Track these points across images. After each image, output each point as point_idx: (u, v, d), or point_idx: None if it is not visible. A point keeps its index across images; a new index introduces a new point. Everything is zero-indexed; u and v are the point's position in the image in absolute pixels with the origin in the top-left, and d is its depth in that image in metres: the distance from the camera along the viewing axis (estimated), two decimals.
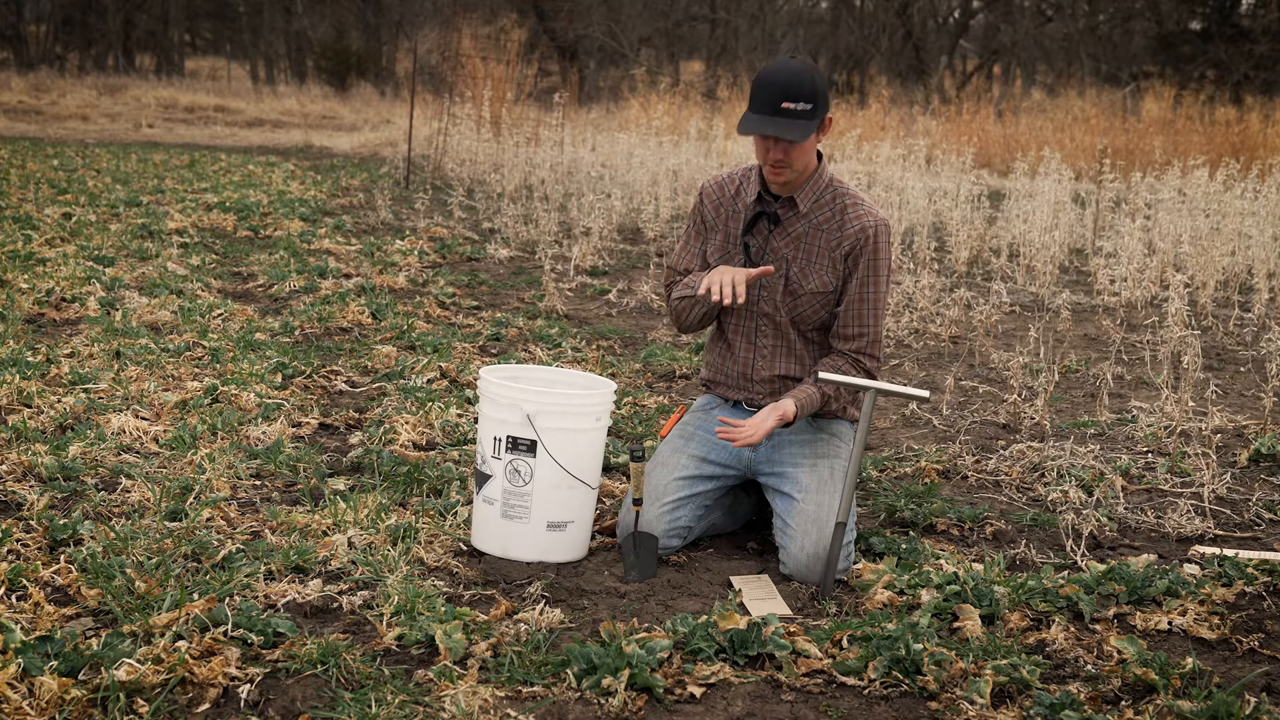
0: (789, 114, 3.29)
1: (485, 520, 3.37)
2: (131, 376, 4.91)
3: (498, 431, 3.31)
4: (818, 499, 3.36)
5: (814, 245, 3.47)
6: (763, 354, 3.56)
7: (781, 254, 3.49)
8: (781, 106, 3.28)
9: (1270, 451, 4.59)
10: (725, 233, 3.56)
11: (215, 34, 42.19)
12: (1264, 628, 3.08)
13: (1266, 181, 11.25)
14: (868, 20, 33.49)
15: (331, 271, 7.61)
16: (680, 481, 3.49)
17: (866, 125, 17.72)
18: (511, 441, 3.29)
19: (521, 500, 3.30)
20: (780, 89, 3.28)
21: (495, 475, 3.32)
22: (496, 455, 3.31)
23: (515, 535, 3.33)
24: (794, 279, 3.49)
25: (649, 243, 9.82)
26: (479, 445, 3.39)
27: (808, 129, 3.29)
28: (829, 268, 3.47)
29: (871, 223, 3.44)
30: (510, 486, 3.31)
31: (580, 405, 3.34)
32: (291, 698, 2.54)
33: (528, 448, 3.28)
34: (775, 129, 3.28)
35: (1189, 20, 27.87)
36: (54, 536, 3.24)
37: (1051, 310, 7.41)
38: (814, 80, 3.31)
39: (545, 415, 3.27)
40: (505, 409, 3.29)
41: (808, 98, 3.28)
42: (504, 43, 18.04)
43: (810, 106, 3.29)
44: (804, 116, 3.29)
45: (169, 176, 12.88)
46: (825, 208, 3.47)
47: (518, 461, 3.30)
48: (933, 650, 2.75)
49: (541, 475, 3.29)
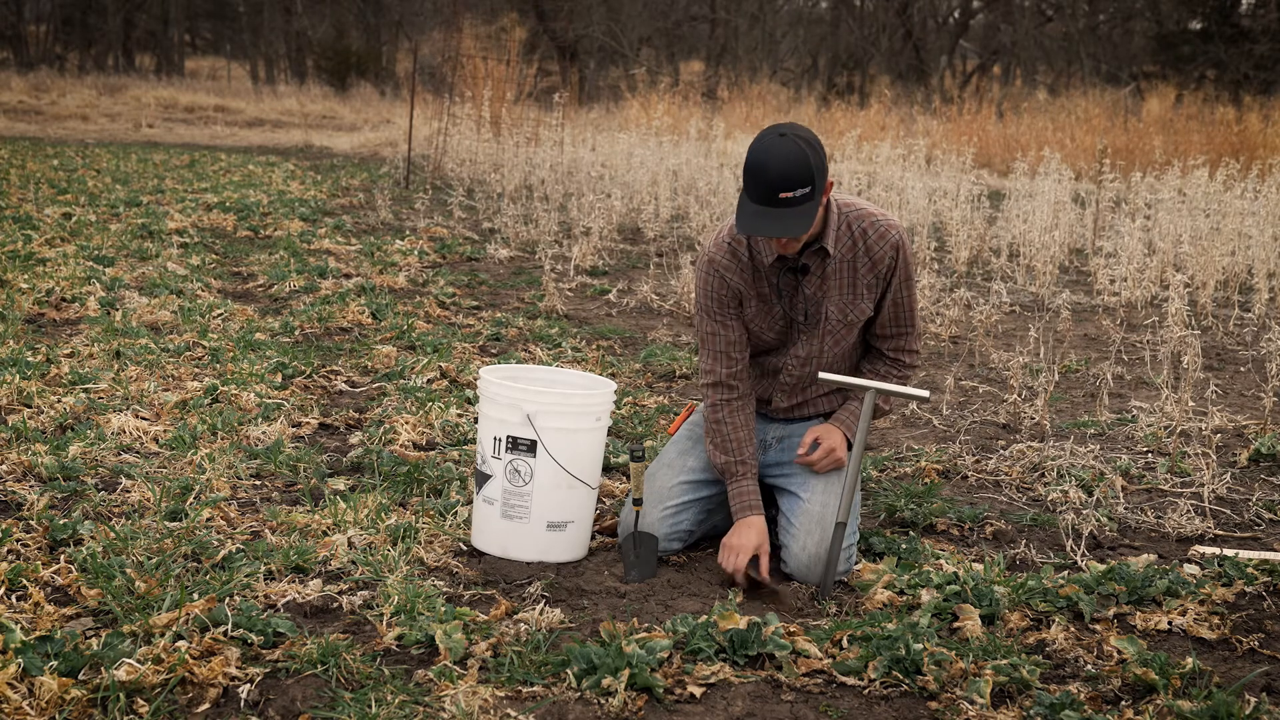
0: (788, 203, 3.09)
1: (485, 520, 3.37)
2: (131, 376, 4.91)
3: (498, 431, 3.31)
4: (824, 499, 3.36)
5: (845, 279, 3.40)
6: (783, 389, 3.54)
7: (816, 299, 3.40)
8: (780, 197, 3.09)
9: (1270, 451, 4.59)
10: (758, 296, 3.42)
11: (215, 34, 42.21)
12: (1264, 628, 3.08)
13: (1266, 181, 11.25)
14: (868, 20, 33.50)
15: (331, 271, 7.61)
16: (685, 485, 3.48)
17: (866, 125, 17.73)
18: (511, 441, 3.29)
19: (521, 500, 3.30)
20: (776, 180, 3.07)
21: (495, 475, 3.32)
22: (496, 455, 3.31)
23: (515, 535, 3.33)
24: (833, 316, 3.42)
25: (649, 243, 9.82)
26: (479, 445, 3.39)
27: (810, 213, 3.11)
28: (865, 295, 3.41)
29: (895, 237, 3.38)
30: (510, 486, 3.31)
31: (580, 405, 3.34)
32: (291, 698, 2.54)
33: (527, 447, 3.28)
34: (778, 228, 3.11)
35: (1189, 20, 27.86)
36: (54, 536, 3.24)
37: (1051, 310, 7.41)
38: (808, 161, 3.09)
39: (545, 415, 3.27)
40: (505, 409, 3.29)
41: (804, 182, 3.08)
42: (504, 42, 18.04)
43: (808, 190, 3.09)
44: (804, 200, 3.10)
45: (169, 176, 12.88)
46: (845, 238, 3.38)
47: (517, 461, 3.30)
48: (933, 650, 2.75)
49: (541, 475, 3.29)
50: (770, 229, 3.12)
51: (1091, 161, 14.56)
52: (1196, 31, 27.16)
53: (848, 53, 32.87)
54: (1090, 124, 18.04)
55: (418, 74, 16.67)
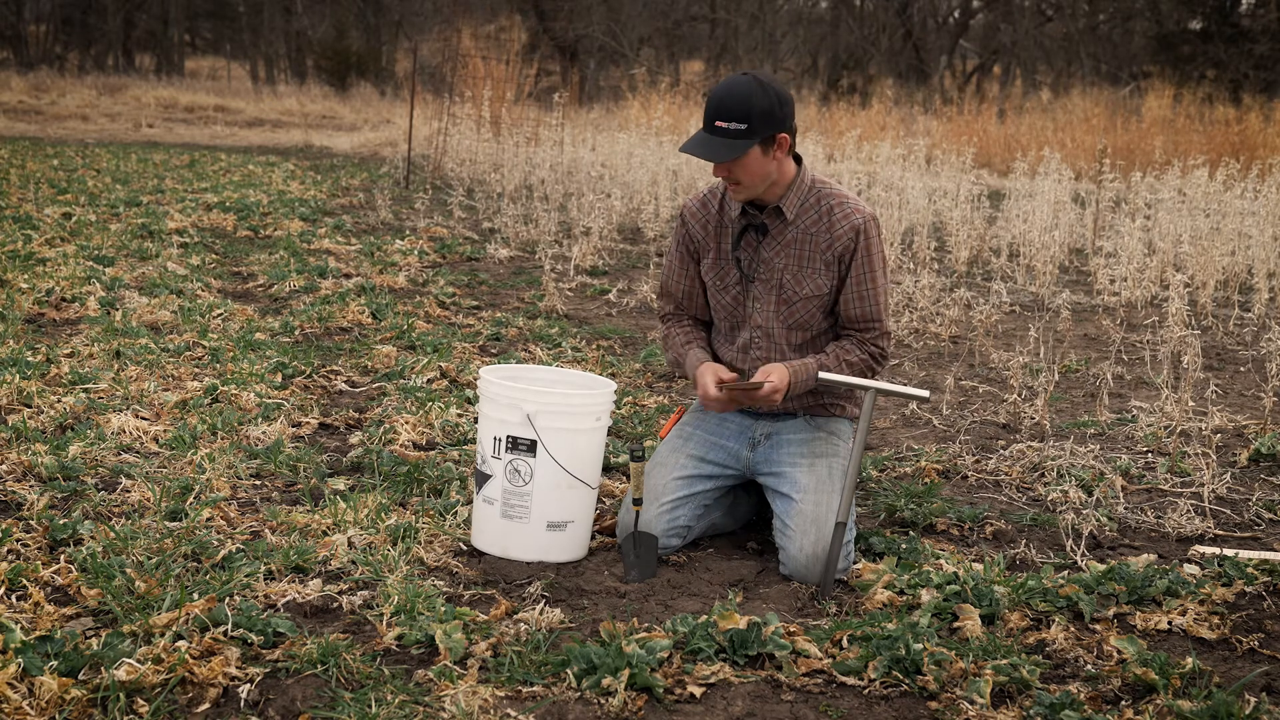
0: (721, 133, 3.26)
1: (485, 520, 3.37)
2: (131, 376, 4.91)
3: (497, 431, 3.30)
4: (816, 499, 3.36)
5: (805, 250, 3.47)
6: (757, 365, 3.55)
7: (773, 263, 3.49)
8: (715, 125, 3.26)
9: (1270, 451, 4.59)
10: (716, 250, 3.56)
11: (215, 34, 42.21)
12: (1264, 628, 3.08)
13: (1266, 181, 11.25)
14: (868, 20, 33.51)
15: (331, 271, 7.61)
16: (679, 481, 3.49)
17: (866, 125, 17.73)
18: (511, 441, 3.28)
19: (521, 500, 3.29)
20: (714, 107, 3.26)
21: (495, 475, 3.32)
22: (496, 455, 3.31)
23: (515, 535, 3.32)
24: (788, 286, 3.49)
25: (649, 242, 9.82)
26: (479, 445, 3.38)
27: (737, 149, 3.25)
28: (822, 270, 3.47)
29: (860, 220, 3.43)
30: (510, 486, 3.30)
31: (580, 405, 3.34)
32: (291, 698, 2.54)
33: (527, 447, 3.28)
34: (701, 149, 3.28)
35: (1189, 20, 27.86)
36: (54, 536, 3.24)
37: (1051, 310, 7.41)
38: (751, 98, 3.24)
39: (545, 415, 3.27)
40: (505, 409, 3.28)
41: (741, 117, 3.24)
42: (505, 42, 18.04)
43: (744, 126, 3.24)
44: (736, 136, 3.25)
45: (169, 176, 12.89)
46: (811, 211, 3.46)
47: (517, 461, 3.29)
48: (933, 650, 2.75)
49: (541, 475, 3.28)
50: (696, 151, 3.28)
51: (1091, 161, 14.56)
52: (1196, 31, 27.16)
53: (848, 53, 32.86)
54: (1090, 124, 18.05)
55: (418, 74, 16.67)
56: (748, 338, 3.56)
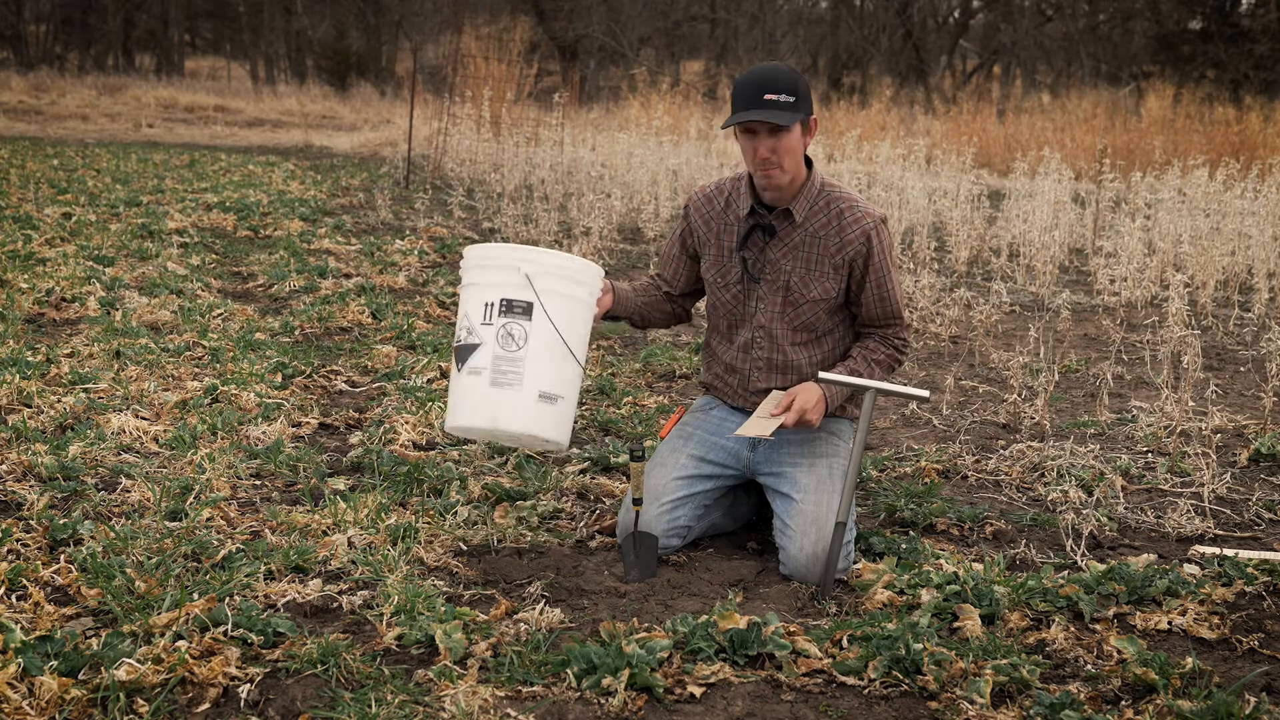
0: (773, 104, 3.29)
1: (470, 391, 3.21)
2: (131, 376, 4.91)
3: (490, 296, 3.18)
4: (816, 499, 3.35)
5: (813, 253, 3.47)
6: (758, 366, 3.55)
7: (779, 265, 3.48)
8: (765, 98, 3.29)
9: (1270, 451, 4.59)
10: (718, 247, 3.55)
11: (215, 34, 42.22)
12: (1264, 628, 3.08)
13: (1266, 181, 11.26)
14: (868, 20, 33.51)
15: (331, 271, 7.61)
16: (679, 481, 3.49)
17: (866, 125, 17.73)
18: (506, 305, 3.16)
19: (514, 366, 3.17)
20: (761, 82, 3.30)
21: (485, 343, 3.18)
22: (487, 321, 3.17)
23: (506, 403, 3.18)
24: (795, 288, 3.48)
25: (649, 243, 9.82)
26: (463, 319, 3.24)
27: (792, 117, 3.29)
28: (830, 274, 3.46)
29: (870, 224, 3.44)
30: (502, 352, 3.16)
31: (578, 271, 3.26)
32: (291, 698, 2.54)
33: (523, 310, 3.16)
34: (761, 114, 3.27)
35: (1189, 20, 27.86)
36: (54, 536, 3.25)
37: (1051, 310, 7.41)
38: (793, 76, 3.32)
39: (545, 277, 3.17)
40: (501, 271, 3.16)
41: (788, 90, 3.29)
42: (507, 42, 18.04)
43: (793, 99, 3.29)
44: (788, 107, 3.29)
45: (169, 176, 12.89)
46: (820, 214, 3.46)
47: (512, 325, 3.16)
48: (933, 650, 2.75)
49: (537, 340, 3.17)
50: (755, 115, 3.26)
51: (1091, 161, 14.57)
52: (1196, 31, 27.16)
53: (848, 53, 32.87)
54: (1090, 124, 18.05)
55: (418, 74, 16.67)
56: (749, 337, 3.55)
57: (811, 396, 3.38)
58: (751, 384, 3.57)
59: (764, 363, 3.54)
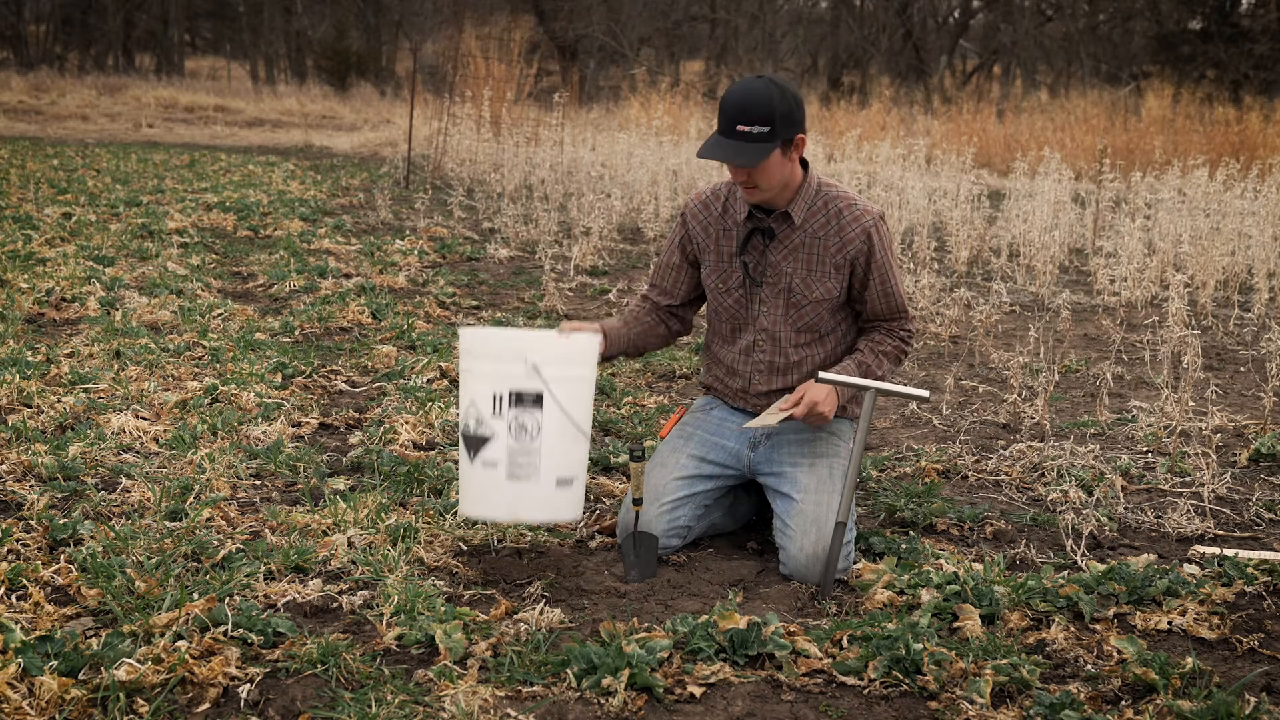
0: (744, 137, 3.24)
1: (488, 485, 3.17)
2: (131, 376, 4.91)
3: (498, 388, 3.11)
4: (816, 499, 3.35)
5: (814, 254, 3.46)
6: (759, 369, 3.55)
7: (781, 267, 3.48)
8: (737, 129, 3.25)
9: (1270, 451, 4.59)
10: (718, 252, 3.54)
11: (215, 34, 42.23)
12: (1264, 628, 3.08)
13: (1266, 181, 11.25)
14: (868, 20, 33.50)
15: (331, 271, 7.61)
16: (679, 481, 3.48)
17: (867, 125, 17.73)
18: (516, 397, 3.10)
19: (530, 457, 3.12)
20: (735, 111, 3.24)
21: (497, 435, 3.12)
22: (498, 413, 3.11)
23: (526, 496, 3.15)
24: (797, 290, 3.48)
25: (649, 242, 9.82)
26: (470, 408, 3.17)
27: (761, 152, 3.25)
28: (832, 273, 3.46)
29: (870, 221, 3.44)
30: (516, 445, 3.11)
31: (580, 351, 3.24)
32: (291, 698, 2.54)
33: (534, 400, 3.11)
34: (725, 153, 3.25)
35: (1189, 20, 27.86)
36: (54, 536, 3.25)
37: (1051, 310, 7.41)
38: (772, 101, 3.24)
39: (551, 364, 3.13)
40: (507, 362, 3.11)
41: (763, 120, 3.23)
42: (507, 42, 18.04)
43: (767, 129, 3.24)
44: (759, 139, 3.24)
45: (169, 176, 12.89)
46: (819, 215, 3.45)
47: (524, 416, 3.10)
48: (933, 650, 2.75)
49: (549, 427, 3.13)
50: (719, 154, 3.28)
51: (1091, 161, 14.57)
52: (1196, 31, 27.16)
53: (848, 53, 32.87)
54: (1090, 124, 18.05)
55: (418, 74, 16.67)
56: (751, 340, 3.55)
57: (821, 391, 3.38)
58: (753, 387, 3.57)
59: (765, 365, 3.54)
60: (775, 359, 3.53)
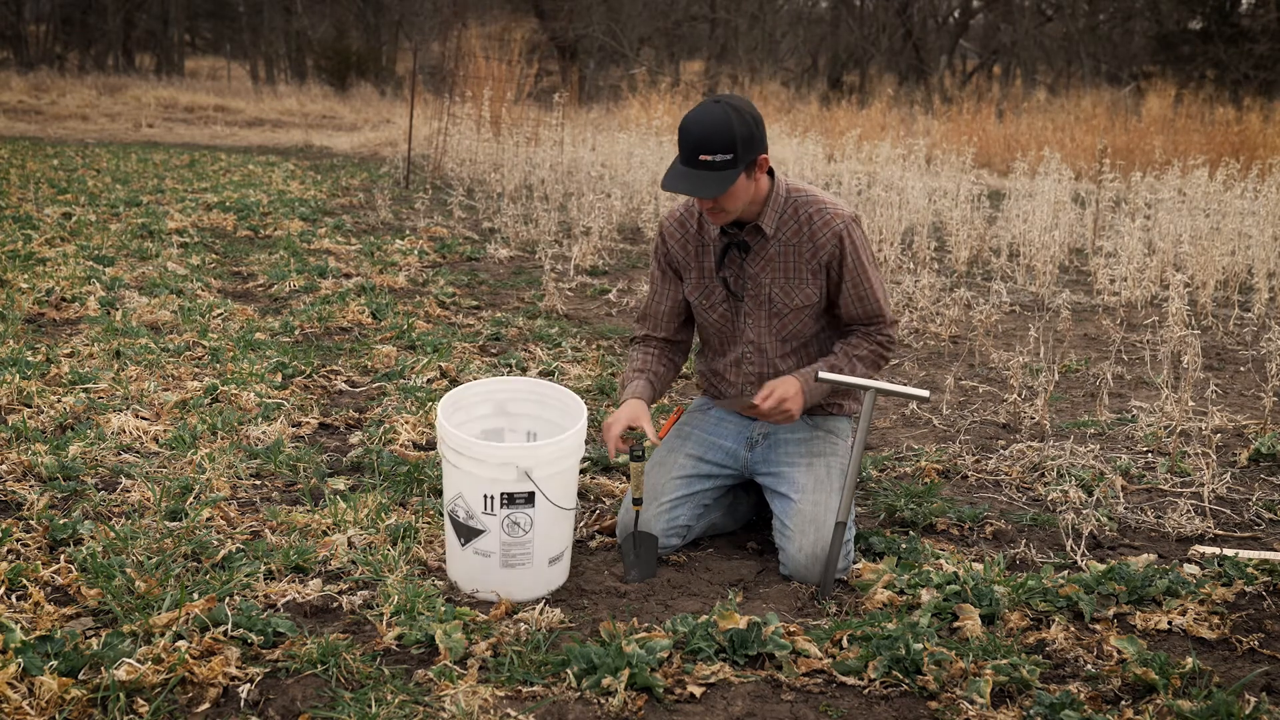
0: (707, 165, 3.18)
1: (482, 570, 3.16)
2: (131, 376, 4.91)
3: (488, 490, 3.09)
4: (814, 499, 3.35)
5: (789, 262, 3.44)
6: (750, 380, 3.55)
7: (759, 279, 3.46)
8: (699, 159, 3.19)
9: (1270, 451, 4.59)
10: (699, 269, 3.53)
11: (215, 34, 42.21)
12: (1264, 628, 3.08)
13: (1266, 181, 11.25)
14: (868, 20, 33.51)
15: (331, 271, 7.61)
16: (678, 481, 3.49)
17: (867, 125, 17.73)
18: (508, 498, 3.09)
19: (523, 548, 3.13)
20: (696, 141, 3.18)
21: (490, 530, 3.11)
22: (490, 511, 3.10)
23: (518, 580, 3.15)
24: (777, 299, 3.47)
25: (649, 242, 9.82)
26: (456, 498, 3.13)
27: (725, 180, 3.20)
28: (809, 280, 3.44)
29: (841, 225, 3.40)
30: (510, 538, 3.11)
31: (570, 445, 3.18)
32: (291, 697, 2.54)
33: (525, 499, 3.10)
34: (690, 185, 3.20)
35: (1189, 20, 27.87)
36: (54, 536, 3.25)
37: (1051, 310, 7.41)
38: (732, 128, 3.17)
39: (542, 466, 3.11)
40: (497, 468, 3.07)
41: (725, 148, 3.17)
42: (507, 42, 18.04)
43: (729, 156, 3.18)
44: (722, 167, 3.19)
45: (169, 176, 12.89)
46: (790, 222, 3.43)
47: (516, 514, 3.11)
48: (933, 650, 2.75)
49: (541, 519, 3.13)
50: (684, 187, 3.21)
51: (1091, 161, 14.57)
52: (1196, 31, 27.17)
53: (848, 53, 32.87)
54: (1090, 124, 18.04)
55: (418, 74, 16.67)
56: (739, 353, 3.55)
57: (791, 388, 3.36)
58: (746, 397, 3.57)
59: (755, 377, 3.54)
60: (764, 370, 3.53)
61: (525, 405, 3.44)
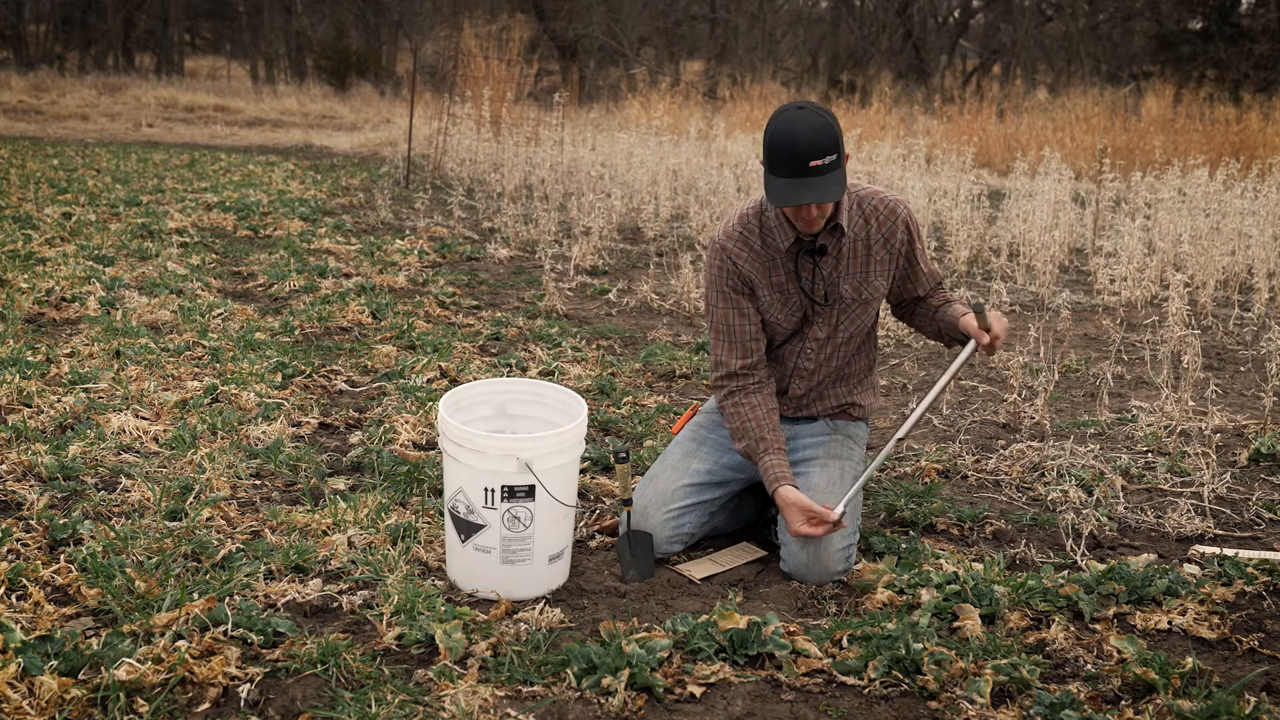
0: (819, 171, 3.10)
1: (481, 567, 3.17)
2: (131, 376, 4.91)
3: (489, 482, 3.10)
4: (824, 499, 3.35)
5: (859, 256, 3.43)
6: (801, 374, 3.54)
7: (834, 281, 3.43)
8: (811, 166, 3.09)
9: (1270, 451, 4.59)
10: (769, 285, 3.42)
11: (215, 34, 42.21)
12: (1264, 627, 3.08)
13: (1266, 181, 11.25)
14: (868, 20, 33.50)
15: (331, 271, 7.61)
16: (689, 488, 3.47)
17: (867, 125, 17.73)
18: (508, 491, 3.10)
19: (524, 544, 3.14)
20: (807, 149, 3.08)
21: (490, 525, 3.13)
22: (490, 505, 3.11)
23: (519, 577, 3.17)
24: (850, 296, 3.45)
25: (649, 242, 9.82)
26: (460, 494, 3.14)
27: (840, 180, 3.14)
28: (879, 271, 3.45)
29: (904, 211, 3.44)
30: (510, 533, 3.13)
31: (571, 438, 3.20)
32: (291, 697, 2.54)
33: (526, 493, 3.11)
34: (814, 194, 3.11)
35: (1189, 20, 27.87)
36: (54, 536, 3.25)
37: (1051, 310, 7.41)
38: (832, 128, 3.12)
39: (542, 458, 3.12)
40: (497, 460, 3.09)
41: (830, 147, 3.10)
42: (507, 42, 18.04)
43: (835, 157, 3.12)
44: (834, 168, 3.12)
45: (169, 176, 12.88)
46: (857, 217, 3.42)
47: (516, 509, 3.12)
48: (933, 650, 2.75)
49: (542, 514, 3.14)
50: (807, 196, 3.12)
51: (1091, 161, 14.57)
52: (1196, 31, 27.17)
53: (848, 52, 32.87)
54: (1090, 124, 18.04)
55: (418, 74, 16.67)
56: (801, 346, 3.53)
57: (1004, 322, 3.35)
58: (790, 391, 3.57)
59: (807, 372, 3.54)
60: (819, 364, 3.53)
61: (526, 406, 3.45)
